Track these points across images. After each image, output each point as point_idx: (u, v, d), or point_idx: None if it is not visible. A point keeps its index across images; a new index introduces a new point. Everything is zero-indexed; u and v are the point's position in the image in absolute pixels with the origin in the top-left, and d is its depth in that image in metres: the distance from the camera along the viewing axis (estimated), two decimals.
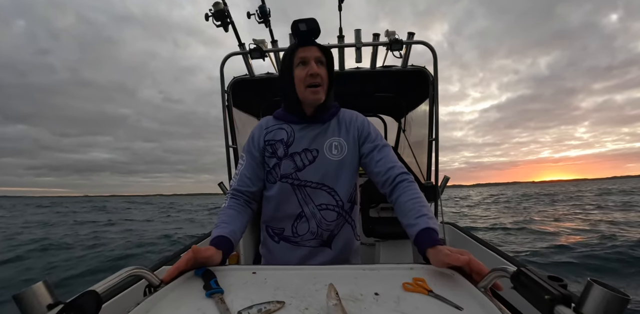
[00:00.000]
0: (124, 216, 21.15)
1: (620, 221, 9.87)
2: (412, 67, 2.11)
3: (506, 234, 8.62)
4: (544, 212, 14.41)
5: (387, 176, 0.98)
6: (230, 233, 0.88)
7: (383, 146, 1.05)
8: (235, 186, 1.05)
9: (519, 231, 8.97)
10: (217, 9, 1.90)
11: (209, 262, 0.76)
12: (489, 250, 1.80)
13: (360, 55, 2.02)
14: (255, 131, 1.10)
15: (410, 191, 0.92)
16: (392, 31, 1.95)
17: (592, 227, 8.95)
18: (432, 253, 0.73)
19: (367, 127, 1.09)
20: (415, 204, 0.88)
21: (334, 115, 1.09)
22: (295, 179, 1.01)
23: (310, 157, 1.02)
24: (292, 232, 1.04)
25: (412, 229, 0.82)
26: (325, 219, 1.02)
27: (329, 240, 1.05)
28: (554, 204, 20.21)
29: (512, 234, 8.68)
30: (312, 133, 1.04)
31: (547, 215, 13.20)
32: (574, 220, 11.08)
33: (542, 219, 11.82)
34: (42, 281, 0.46)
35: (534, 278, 0.47)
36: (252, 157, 1.07)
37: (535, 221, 11.06)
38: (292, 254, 1.04)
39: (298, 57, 0.99)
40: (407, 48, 1.99)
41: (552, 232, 8.52)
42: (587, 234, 7.74)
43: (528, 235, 8.33)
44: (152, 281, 0.64)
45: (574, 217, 11.80)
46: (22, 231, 12.12)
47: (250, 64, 2.14)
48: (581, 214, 12.68)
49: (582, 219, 11.23)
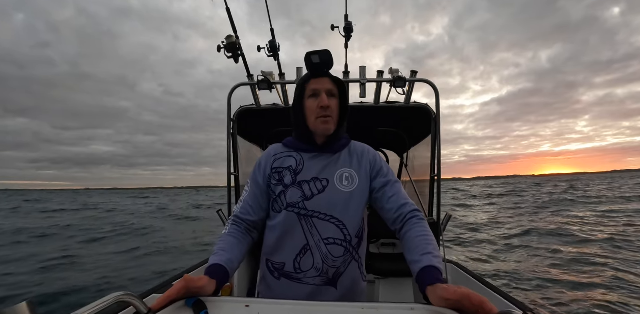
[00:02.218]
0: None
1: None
2: (415, 104, 2.17)
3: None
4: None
5: (399, 212, 0.96)
6: (227, 262, 0.85)
7: (395, 182, 1.03)
8: (237, 213, 1.03)
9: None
10: (229, 42, 2.01)
11: (201, 292, 0.72)
12: (492, 292, 1.72)
13: (364, 90, 2.10)
14: (262, 158, 1.08)
15: (419, 228, 0.91)
16: (395, 69, 2.04)
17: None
18: (431, 291, 0.71)
19: (379, 162, 1.08)
20: (422, 241, 0.86)
21: (345, 146, 1.09)
22: (302, 209, 0.97)
23: (319, 187, 0.99)
24: (295, 268, 0.96)
25: (416, 266, 0.80)
26: (331, 255, 0.96)
27: (334, 278, 0.97)
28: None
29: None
30: (323, 163, 1.03)
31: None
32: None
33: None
34: (26, 302, 0.44)
35: None
36: (257, 186, 1.04)
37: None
38: (294, 293, 0.96)
39: (310, 89, 1.01)
40: (410, 85, 2.07)
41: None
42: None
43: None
44: (140, 309, 0.61)
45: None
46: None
47: (257, 95, 2.20)
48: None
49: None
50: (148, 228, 12.03)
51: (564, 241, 7.67)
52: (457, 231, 9.65)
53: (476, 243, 8.04)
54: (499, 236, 8.72)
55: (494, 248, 7.37)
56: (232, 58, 2.05)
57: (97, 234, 10.66)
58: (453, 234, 8.98)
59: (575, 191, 27.40)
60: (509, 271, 5.34)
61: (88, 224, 13.58)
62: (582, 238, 7.84)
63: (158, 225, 13.06)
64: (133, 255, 7.47)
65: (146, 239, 9.64)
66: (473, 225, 10.86)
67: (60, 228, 12.28)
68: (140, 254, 7.58)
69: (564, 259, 5.98)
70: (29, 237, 10.16)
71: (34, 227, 12.40)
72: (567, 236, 8.16)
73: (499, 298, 1.63)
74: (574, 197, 19.84)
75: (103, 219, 15.74)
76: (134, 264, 6.61)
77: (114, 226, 12.76)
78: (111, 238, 9.90)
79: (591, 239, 7.61)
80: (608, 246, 6.82)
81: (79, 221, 15.03)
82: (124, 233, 10.87)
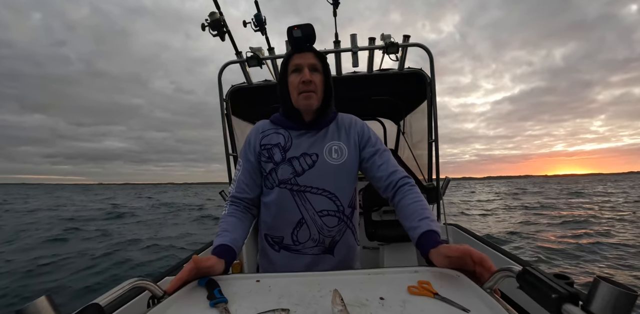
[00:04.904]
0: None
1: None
2: (409, 70, 2.11)
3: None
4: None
5: (389, 180, 0.98)
6: (232, 241, 0.87)
7: (384, 151, 1.04)
8: (233, 192, 1.04)
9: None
10: (212, 19, 1.92)
11: (212, 271, 0.75)
12: (493, 250, 1.79)
13: (357, 59, 2.04)
14: (251, 135, 1.08)
15: (411, 195, 0.92)
16: (387, 35, 1.97)
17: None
18: (434, 252, 0.73)
19: (367, 132, 1.08)
20: (417, 207, 0.88)
21: (332, 120, 1.08)
22: (294, 185, 0.99)
23: (309, 162, 1.00)
24: (293, 241, 1.01)
25: (414, 232, 0.82)
26: (326, 226, 1.00)
27: (331, 247, 1.02)
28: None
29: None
30: (311, 138, 1.03)
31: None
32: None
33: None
34: (45, 296, 0.45)
35: (540, 277, 0.47)
36: (249, 163, 1.05)
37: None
38: (294, 263, 1.01)
39: (292, 64, 0.99)
40: (403, 51, 2.00)
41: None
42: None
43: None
44: (155, 292, 0.64)
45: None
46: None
47: (247, 72, 2.15)
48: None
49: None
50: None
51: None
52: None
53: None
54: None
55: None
56: (217, 36, 1.98)
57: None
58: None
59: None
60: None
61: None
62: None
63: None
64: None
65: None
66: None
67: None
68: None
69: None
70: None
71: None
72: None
73: (500, 255, 1.70)
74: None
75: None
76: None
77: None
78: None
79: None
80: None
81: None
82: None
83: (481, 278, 0.63)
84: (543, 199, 21.48)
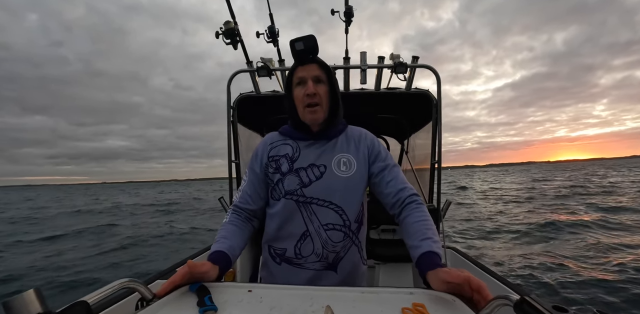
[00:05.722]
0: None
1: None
2: (416, 90, 2.14)
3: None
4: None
5: (397, 197, 0.96)
6: (229, 249, 0.86)
7: (393, 166, 1.03)
8: (236, 202, 1.04)
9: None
10: (227, 28, 1.96)
11: (205, 277, 0.74)
12: (491, 277, 1.76)
13: (365, 76, 2.07)
14: (259, 147, 1.08)
15: (418, 213, 0.91)
16: (396, 54, 2.01)
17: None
18: (432, 275, 0.72)
19: (377, 146, 1.07)
20: (422, 226, 0.87)
21: (342, 131, 1.08)
22: (300, 196, 0.97)
23: (317, 173, 0.98)
24: (295, 253, 0.98)
25: (415, 251, 0.81)
26: (331, 240, 0.96)
27: (334, 263, 0.98)
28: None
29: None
30: (319, 149, 1.02)
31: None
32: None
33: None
34: (33, 289, 0.45)
35: (538, 308, 0.46)
36: (254, 175, 1.04)
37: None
38: (295, 278, 0.98)
39: (296, 77, 0.99)
40: (411, 71, 2.04)
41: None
42: None
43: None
44: (145, 295, 0.63)
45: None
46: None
47: (256, 82, 2.18)
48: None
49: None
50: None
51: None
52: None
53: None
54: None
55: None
56: (230, 44, 2.02)
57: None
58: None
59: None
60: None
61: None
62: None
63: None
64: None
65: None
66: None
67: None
68: None
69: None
70: None
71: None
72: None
73: (497, 282, 1.67)
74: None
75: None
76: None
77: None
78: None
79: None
80: None
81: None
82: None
83: (477, 305, 0.62)
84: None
